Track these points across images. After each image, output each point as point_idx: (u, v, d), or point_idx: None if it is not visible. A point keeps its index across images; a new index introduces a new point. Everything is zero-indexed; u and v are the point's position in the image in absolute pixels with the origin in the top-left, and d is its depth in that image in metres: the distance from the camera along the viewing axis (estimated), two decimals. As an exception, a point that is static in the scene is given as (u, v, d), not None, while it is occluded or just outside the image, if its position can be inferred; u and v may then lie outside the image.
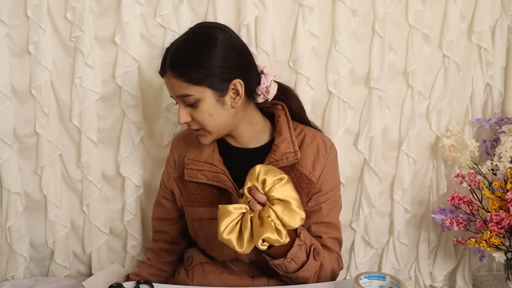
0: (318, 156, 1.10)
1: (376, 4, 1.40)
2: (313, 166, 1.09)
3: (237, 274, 1.13)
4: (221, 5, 1.34)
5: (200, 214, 1.12)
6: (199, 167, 1.10)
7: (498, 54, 1.52)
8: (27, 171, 1.45)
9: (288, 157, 1.06)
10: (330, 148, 1.12)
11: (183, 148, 1.16)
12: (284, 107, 1.14)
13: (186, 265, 1.22)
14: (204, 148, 1.11)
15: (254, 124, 1.11)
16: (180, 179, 1.14)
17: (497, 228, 1.28)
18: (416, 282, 1.65)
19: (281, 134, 1.08)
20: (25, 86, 1.38)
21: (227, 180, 1.07)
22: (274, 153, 1.06)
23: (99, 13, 1.35)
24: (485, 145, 1.56)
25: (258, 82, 1.09)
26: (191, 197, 1.12)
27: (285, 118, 1.11)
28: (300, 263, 1.00)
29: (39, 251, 1.51)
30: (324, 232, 1.12)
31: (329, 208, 1.12)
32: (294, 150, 1.06)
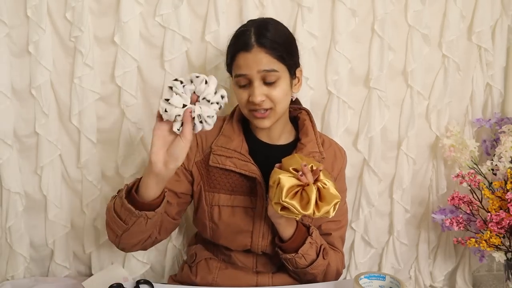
0: (336, 159, 1.19)
1: (375, 4, 1.40)
2: (332, 167, 1.18)
3: (241, 270, 1.15)
4: (221, 5, 1.34)
5: (221, 200, 1.13)
6: (228, 154, 1.12)
7: (498, 54, 1.52)
8: (27, 171, 1.45)
9: (315, 156, 1.13)
10: (344, 154, 1.23)
11: (209, 134, 1.17)
12: (309, 112, 1.22)
13: (189, 262, 1.22)
14: (234, 137, 1.14)
15: (286, 122, 1.17)
16: (203, 163, 1.15)
17: (497, 228, 1.28)
18: (416, 282, 1.65)
19: (307, 135, 1.16)
20: (25, 86, 1.38)
21: (256, 169, 1.10)
22: (301, 150, 1.13)
23: (99, 13, 1.35)
24: (485, 145, 1.56)
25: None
26: (213, 183, 1.14)
27: (310, 122, 1.20)
28: (310, 260, 1.07)
29: (39, 251, 1.51)
30: (333, 230, 1.18)
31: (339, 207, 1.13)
32: (320, 151, 1.15)
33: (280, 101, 1.07)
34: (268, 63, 1.04)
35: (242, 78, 1.06)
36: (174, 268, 1.54)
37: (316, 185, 0.96)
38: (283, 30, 1.12)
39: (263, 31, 1.06)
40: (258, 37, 1.05)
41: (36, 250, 1.51)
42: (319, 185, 0.96)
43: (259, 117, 1.08)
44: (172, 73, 1.38)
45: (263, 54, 1.04)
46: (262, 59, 1.04)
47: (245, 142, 1.15)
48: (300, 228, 1.08)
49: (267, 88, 1.05)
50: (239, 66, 1.07)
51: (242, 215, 1.12)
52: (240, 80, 1.07)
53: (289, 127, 1.20)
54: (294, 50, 1.12)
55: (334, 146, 1.22)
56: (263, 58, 1.04)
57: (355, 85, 1.47)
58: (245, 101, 1.08)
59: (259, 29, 1.07)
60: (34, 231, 1.49)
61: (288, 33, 1.12)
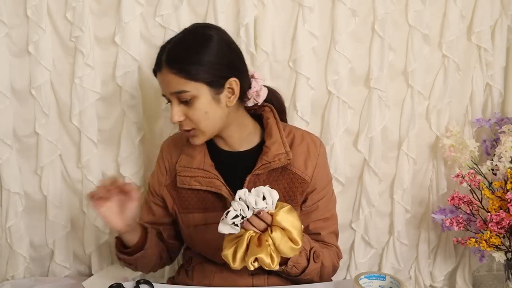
0: (309, 155, 1.10)
1: (376, 4, 1.40)
2: (305, 166, 1.09)
3: (236, 273, 1.13)
4: (221, 5, 1.34)
5: (195, 220, 1.11)
6: (192, 174, 1.09)
7: (498, 54, 1.52)
8: (27, 171, 1.45)
9: (280, 158, 1.06)
10: (319, 146, 1.13)
11: (174, 155, 1.15)
12: (272, 108, 1.14)
13: (186, 266, 1.22)
14: (195, 154, 1.10)
15: (244, 127, 1.10)
16: (172, 186, 1.13)
17: (497, 228, 1.28)
18: (416, 282, 1.65)
19: (272, 136, 1.08)
20: (25, 86, 1.38)
21: (221, 185, 1.07)
22: (266, 155, 1.06)
23: (99, 13, 1.36)
24: (485, 145, 1.56)
25: (249, 86, 1.09)
26: (184, 203, 1.11)
27: (274, 119, 1.12)
28: (302, 268, 1.03)
29: (39, 251, 1.51)
30: (322, 228, 1.13)
31: (325, 204, 1.13)
32: (286, 151, 1.07)
33: (200, 121, 1.00)
34: (176, 84, 0.98)
35: (164, 97, 1.04)
36: (174, 268, 1.54)
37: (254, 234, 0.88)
38: (206, 42, 1.00)
39: (175, 49, 0.99)
40: (168, 56, 0.99)
41: (36, 250, 1.51)
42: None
43: (188, 136, 1.05)
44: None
45: (170, 76, 0.98)
46: (171, 81, 0.98)
47: (207, 157, 1.10)
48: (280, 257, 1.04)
49: (186, 108, 1.00)
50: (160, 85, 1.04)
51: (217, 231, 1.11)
52: (165, 99, 1.04)
53: (250, 130, 1.11)
54: (219, 62, 1.00)
55: (306, 140, 1.12)
56: (171, 79, 0.98)
57: (355, 85, 1.47)
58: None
59: (173, 46, 1.00)
60: (34, 231, 1.49)
61: (213, 45, 1.00)
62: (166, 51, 1.00)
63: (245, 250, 0.87)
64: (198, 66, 0.98)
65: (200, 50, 0.99)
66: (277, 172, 1.08)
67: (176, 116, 1.00)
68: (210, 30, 1.03)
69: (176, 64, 0.98)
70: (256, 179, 1.07)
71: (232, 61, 1.03)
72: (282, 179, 1.08)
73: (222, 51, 1.01)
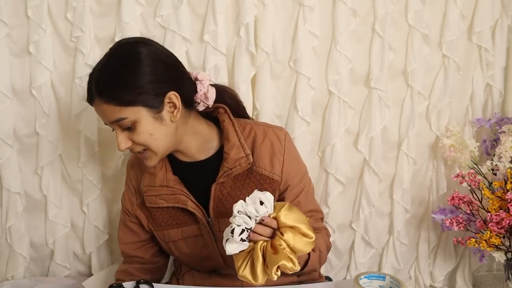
0: (274, 152, 1.05)
1: (376, 4, 1.40)
2: (271, 164, 1.04)
3: (226, 277, 1.12)
4: (220, 5, 1.34)
5: (171, 236, 1.10)
6: (156, 192, 1.06)
7: (498, 54, 1.52)
8: (27, 171, 1.45)
9: (241, 163, 1.01)
10: (284, 140, 1.07)
11: (138, 174, 1.12)
12: (226, 109, 1.07)
13: (176, 274, 1.22)
14: (156, 171, 1.06)
15: (199, 134, 1.05)
16: (143, 205, 1.11)
17: (497, 228, 1.28)
18: (416, 282, 1.65)
19: (229, 140, 1.03)
20: (25, 86, 1.39)
21: (187, 199, 1.04)
22: (226, 161, 1.02)
23: (100, 13, 1.36)
24: (485, 145, 1.56)
25: (195, 90, 1.03)
26: (157, 221, 1.09)
27: (229, 121, 1.05)
28: (304, 261, 1.01)
29: (39, 251, 1.51)
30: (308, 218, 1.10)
31: (305, 197, 1.10)
32: (246, 154, 1.02)
33: (148, 143, 0.96)
34: (112, 113, 0.93)
35: (107, 125, 0.99)
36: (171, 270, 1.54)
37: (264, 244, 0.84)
38: (132, 62, 0.93)
39: (101, 76, 0.94)
40: (97, 86, 0.93)
41: (36, 250, 1.51)
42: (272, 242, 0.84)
43: (142, 157, 1.01)
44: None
45: (104, 106, 0.93)
46: (105, 111, 0.94)
47: (169, 172, 1.06)
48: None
49: (130, 133, 0.96)
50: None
51: (196, 244, 1.08)
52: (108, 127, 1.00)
53: (207, 137, 1.06)
54: (151, 80, 0.93)
55: (269, 136, 1.06)
56: (105, 109, 0.93)
57: (355, 85, 1.47)
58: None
59: (99, 74, 0.94)
60: (34, 231, 1.49)
61: (141, 63, 0.93)
62: (94, 80, 0.94)
63: (262, 262, 0.83)
64: (130, 90, 0.92)
65: (129, 72, 0.92)
66: (243, 176, 1.04)
67: (122, 144, 0.96)
68: (136, 46, 0.96)
69: (106, 93, 0.92)
70: (221, 187, 1.04)
71: (166, 74, 0.96)
72: (249, 182, 1.04)
73: (153, 68, 0.94)
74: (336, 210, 1.52)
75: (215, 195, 1.04)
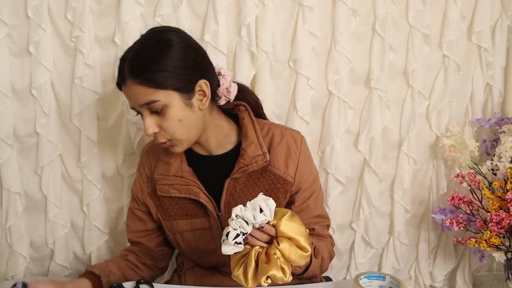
0: (289, 154, 1.07)
1: (376, 4, 1.40)
2: (286, 165, 1.06)
3: (228, 276, 1.12)
4: (221, 5, 1.34)
5: (179, 227, 1.10)
6: (170, 182, 1.07)
7: (498, 54, 1.52)
8: (27, 171, 1.45)
9: (258, 161, 1.02)
10: (300, 143, 1.09)
11: (153, 162, 1.13)
12: (247, 107, 1.10)
13: (178, 271, 1.22)
14: (172, 161, 1.07)
15: (220, 128, 1.07)
16: (154, 194, 1.11)
17: (497, 228, 1.28)
18: (416, 282, 1.65)
19: (248, 137, 1.05)
20: (25, 86, 1.38)
21: (199, 191, 1.05)
22: (242, 157, 1.03)
23: (99, 13, 1.35)
24: (485, 145, 1.56)
25: (218, 84, 1.06)
26: (167, 211, 1.10)
27: (249, 119, 1.07)
28: (305, 266, 1.01)
29: (39, 251, 1.51)
30: (315, 223, 1.11)
31: (315, 202, 1.11)
32: (263, 153, 1.03)
33: (175, 130, 0.97)
34: (144, 95, 0.93)
35: (134, 110, 0.99)
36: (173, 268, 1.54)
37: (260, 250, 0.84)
38: (167, 47, 0.95)
39: (136, 58, 0.95)
40: (130, 68, 0.94)
41: (36, 250, 1.51)
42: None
43: (165, 147, 1.01)
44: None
45: (137, 87, 0.93)
46: (137, 93, 0.94)
47: (184, 163, 1.07)
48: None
49: (158, 118, 0.96)
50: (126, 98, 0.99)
51: (203, 236, 1.08)
52: (134, 111, 1.00)
53: (227, 132, 1.08)
54: (185, 66, 0.96)
55: (286, 138, 1.08)
56: (138, 91, 0.94)
57: (355, 85, 1.47)
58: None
59: (133, 56, 0.95)
60: (34, 231, 1.49)
61: (175, 49, 0.96)
62: (128, 62, 0.95)
63: (254, 268, 0.83)
64: (164, 73, 0.93)
65: (163, 56, 0.94)
66: (257, 174, 1.05)
67: (150, 128, 0.96)
68: (168, 33, 0.98)
69: (140, 74, 0.93)
70: (235, 183, 1.05)
71: (198, 62, 0.99)
72: (262, 181, 1.05)
73: (186, 54, 0.97)
74: (336, 210, 1.52)
75: (228, 190, 1.05)
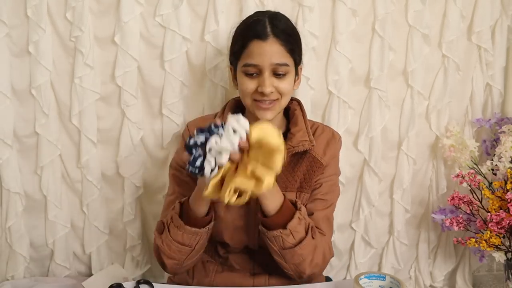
0: (328, 144, 1.16)
1: (376, 4, 1.40)
2: (324, 152, 1.15)
3: (238, 272, 1.14)
4: (221, 5, 1.34)
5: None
6: None
7: (498, 54, 1.52)
8: (27, 171, 1.44)
9: (304, 144, 1.11)
10: (338, 140, 1.20)
11: None
12: (300, 102, 1.21)
13: None
14: None
15: (279, 115, 1.15)
16: None
17: (497, 228, 1.28)
18: (416, 282, 1.65)
19: (297, 125, 1.14)
20: (25, 86, 1.38)
21: None
22: (290, 140, 1.11)
23: (99, 13, 1.35)
24: (485, 145, 1.56)
25: None
26: None
27: (300, 111, 1.18)
28: (299, 238, 0.99)
29: (39, 251, 1.51)
30: (319, 209, 1.11)
31: (328, 187, 1.15)
32: (310, 139, 1.12)
33: (287, 93, 1.08)
34: (281, 56, 1.05)
35: (252, 67, 1.05)
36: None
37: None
38: (292, 25, 1.12)
39: (277, 23, 1.06)
40: (273, 28, 1.04)
41: (36, 250, 1.51)
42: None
43: (263, 108, 1.07)
44: (172, 73, 1.38)
45: (278, 46, 1.04)
46: (276, 51, 1.04)
47: None
48: (287, 202, 1.01)
49: (276, 80, 1.05)
50: (251, 55, 1.05)
51: (238, 210, 1.09)
52: (249, 69, 1.06)
53: (280, 118, 1.18)
54: (300, 46, 1.12)
55: (327, 133, 1.19)
56: (277, 50, 1.04)
57: (355, 85, 1.47)
58: (251, 91, 1.06)
59: (273, 20, 1.06)
60: (34, 231, 1.49)
61: (296, 29, 1.12)
62: (270, 24, 1.05)
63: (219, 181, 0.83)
64: (298, 45, 1.10)
65: (293, 30, 1.10)
66: (299, 156, 1.13)
67: (270, 87, 1.04)
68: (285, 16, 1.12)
69: (285, 36, 1.05)
70: None
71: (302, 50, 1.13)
72: (302, 163, 1.13)
73: (301, 40, 1.12)
74: (336, 210, 1.51)
75: None
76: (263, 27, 1.05)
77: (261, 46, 1.04)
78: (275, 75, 1.05)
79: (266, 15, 1.08)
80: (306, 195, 1.12)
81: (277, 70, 1.05)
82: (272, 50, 1.04)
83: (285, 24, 1.08)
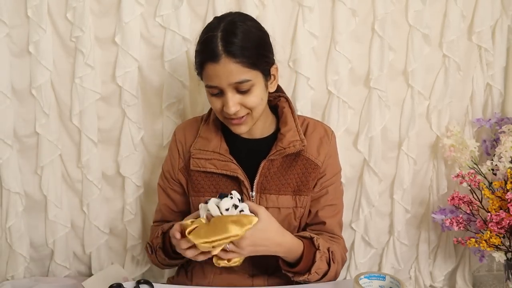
0: (321, 142, 1.14)
1: (376, 4, 1.40)
2: (318, 152, 1.13)
3: (236, 273, 1.14)
4: (221, 5, 1.34)
5: None
6: (208, 156, 1.10)
7: (498, 54, 1.52)
8: (27, 171, 1.45)
9: (295, 145, 1.09)
10: (331, 135, 1.17)
11: (188, 138, 1.16)
12: (288, 99, 1.17)
13: (185, 266, 1.22)
14: (212, 137, 1.12)
15: (266, 114, 1.13)
16: (185, 169, 1.15)
17: (497, 228, 1.28)
18: (416, 282, 1.65)
19: (287, 124, 1.11)
20: (25, 86, 1.38)
21: (237, 168, 1.08)
22: (281, 141, 1.09)
23: (99, 13, 1.35)
24: (485, 145, 1.56)
25: None
26: (196, 187, 1.12)
27: (289, 109, 1.15)
28: (323, 273, 1.03)
29: (39, 251, 1.51)
30: (330, 216, 1.14)
31: (334, 191, 1.16)
32: (301, 138, 1.09)
33: (256, 106, 1.02)
34: (239, 73, 0.97)
35: (213, 88, 1.00)
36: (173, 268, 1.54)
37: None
38: (253, 29, 1.01)
39: (231, 37, 0.96)
40: (225, 45, 0.96)
41: (36, 250, 1.51)
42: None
43: (235, 124, 1.05)
44: (172, 73, 1.38)
45: (233, 65, 0.96)
46: (232, 71, 0.96)
47: (223, 141, 1.12)
48: (306, 248, 1.02)
49: (241, 97, 1.00)
50: (208, 77, 1.00)
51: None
52: (211, 90, 1.01)
53: (270, 119, 1.15)
54: (267, 49, 1.04)
55: (319, 129, 1.15)
56: (234, 68, 0.96)
57: (355, 85, 1.47)
58: (219, 109, 1.03)
59: (226, 34, 0.97)
60: (34, 231, 1.49)
61: (259, 32, 1.02)
62: (222, 40, 0.96)
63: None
64: (258, 54, 0.99)
65: (256, 38, 1.01)
66: (291, 158, 1.11)
67: (234, 107, 1.00)
68: (246, 18, 1.03)
69: (239, 53, 0.96)
70: (270, 165, 1.10)
71: (271, 47, 1.06)
72: (295, 165, 1.11)
73: (264, 39, 1.04)
74: (336, 210, 1.52)
75: (263, 171, 1.09)
76: (215, 46, 0.96)
77: (214, 68, 0.97)
78: (239, 92, 0.99)
79: (219, 29, 0.98)
80: (306, 197, 1.12)
81: (239, 88, 0.99)
82: (227, 70, 0.96)
83: (242, 35, 0.97)
